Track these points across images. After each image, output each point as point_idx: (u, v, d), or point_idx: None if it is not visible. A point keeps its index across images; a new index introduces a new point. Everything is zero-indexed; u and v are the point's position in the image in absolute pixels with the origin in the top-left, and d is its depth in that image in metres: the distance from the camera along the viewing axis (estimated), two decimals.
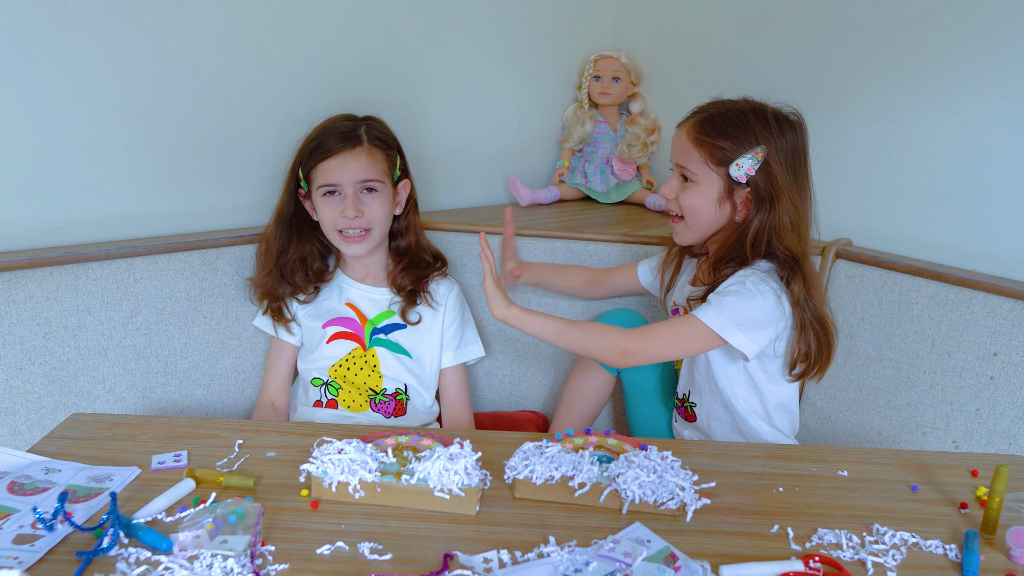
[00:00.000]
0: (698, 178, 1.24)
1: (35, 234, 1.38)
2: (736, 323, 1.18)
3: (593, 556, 0.78)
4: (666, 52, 1.95)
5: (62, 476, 0.92)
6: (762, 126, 1.20)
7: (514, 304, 1.23)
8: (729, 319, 1.17)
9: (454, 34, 1.81)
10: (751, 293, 1.18)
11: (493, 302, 1.21)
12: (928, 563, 0.83)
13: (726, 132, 1.21)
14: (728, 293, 1.20)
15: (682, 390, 1.40)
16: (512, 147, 2.01)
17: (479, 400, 1.75)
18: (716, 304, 1.19)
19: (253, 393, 1.56)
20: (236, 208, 1.60)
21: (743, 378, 1.29)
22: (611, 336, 1.22)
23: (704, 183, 1.24)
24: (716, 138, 1.21)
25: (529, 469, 0.90)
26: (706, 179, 1.24)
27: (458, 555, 0.80)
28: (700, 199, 1.25)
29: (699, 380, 1.34)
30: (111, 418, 1.10)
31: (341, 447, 0.90)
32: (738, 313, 1.18)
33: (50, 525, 0.81)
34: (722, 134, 1.21)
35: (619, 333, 1.22)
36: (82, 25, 1.34)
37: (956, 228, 1.45)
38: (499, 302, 1.21)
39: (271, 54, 1.56)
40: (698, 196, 1.25)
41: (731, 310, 1.18)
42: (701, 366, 1.32)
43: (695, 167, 1.24)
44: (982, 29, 1.37)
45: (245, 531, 0.79)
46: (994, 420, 1.31)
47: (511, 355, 1.72)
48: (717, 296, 1.20)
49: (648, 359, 1.26)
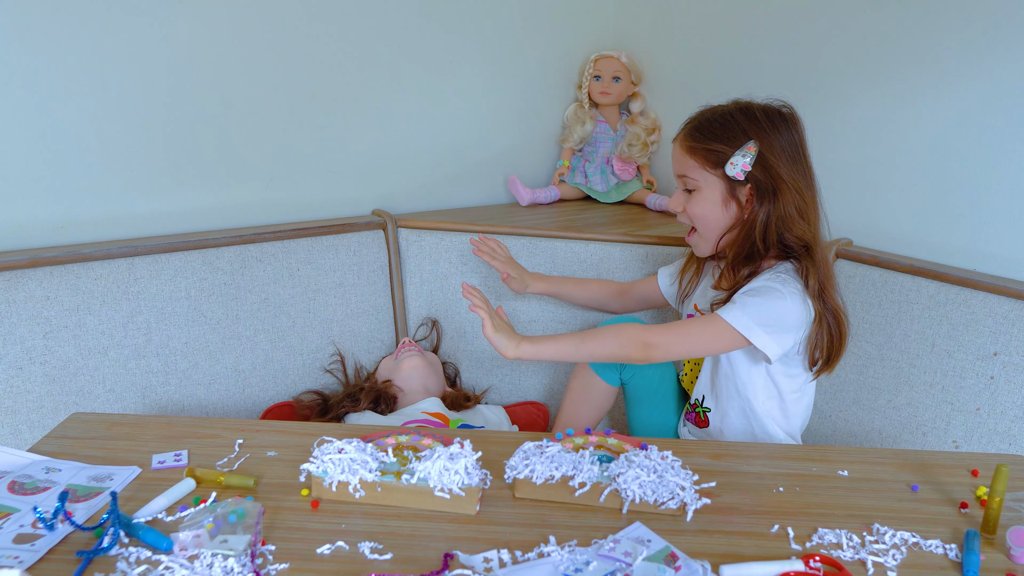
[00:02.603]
0: (699, 184, 1.25)
1: (35, 234, 1.38)
2: (761, 323, 1.17)
3: (593, 556, 0.78)
4: (666, 52, 1.95)
5: (62, 475, 0.93)
6: (750, 122, 1.21)
7: (523, 339, 1.21)
8: (754, 319, 1.17)
9: (454, 34, 1.81)
10: (780, 294, 1.17)
11: (501, 346, 1.19)
12: (928, 563, 0.83)
13: (716, 135, 1.23)
14: (755, 293, 1.19)
15: (697, 394, 1.38)
16: (512, 147, 2.01)
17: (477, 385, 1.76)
18: (741, 304, 1.18)
19: (253, 393, 1.56)
20: (236, 208, 1.60)
21: (764, 382, 1.28)
22: (630, 332, 1.21)
23: (706, 188, 1.24)
24: (707, 142, 1.23)
25: (529, 469, 0.90)
26: (707, 184, 1.24)
27: (458, 555, 0.80)
28: (705, 204, 1.25)
29: (720, 384, 1.32)
30: (111, 417, 1.10)
31: (341, 446, 0.90)
32: (763, 314, 1.17)
33: (50, 524, 0.81)
34: (712, 137, 1.23)
35: (638, 328, 1.22)
36: (82, 25, 1.35)
37: (956, 228, 1.45)
38: (506, 344, 1.19)
39: (271, 54, 1.56)
40: (702, 202, 1.25)
41: (756, 310, 1.17)
42: (723, 369, 1.31)
43: (694, 174, 1.25)
44: (982, 29, 1.37)
45: (245, 530, 0.79)
46: (994, 420, 1.31)
47: None
48: (743, 296, 1.19)
49: (669, 354, 1.23)
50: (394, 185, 1.81)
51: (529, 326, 1.71)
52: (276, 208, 1.65)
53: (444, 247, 1.71)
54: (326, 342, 1.65)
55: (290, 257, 1.59)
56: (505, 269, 1.48)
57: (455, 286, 1.72)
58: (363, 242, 1.68)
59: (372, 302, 1.70)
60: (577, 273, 1.67)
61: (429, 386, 1.57)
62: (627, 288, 1.54)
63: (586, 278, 1.61)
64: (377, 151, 1.77)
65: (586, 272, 1.67)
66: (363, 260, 1.68)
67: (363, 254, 1.68)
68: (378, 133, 1.76)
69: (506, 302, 1.69)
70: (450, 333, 1.74)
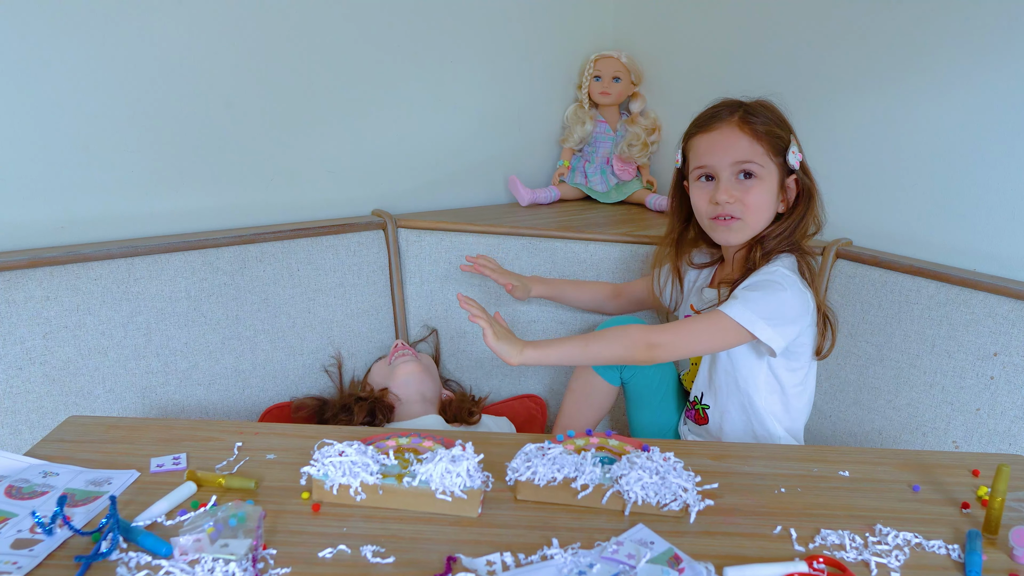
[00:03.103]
0: (762, 172, 1.21)
1: (35, 234, 1.38)
2: (764, 317, 1.15)
3: (597, 558, 0.78)
4: (666, 52, 1.95)
5: (60, 479, 0.92)
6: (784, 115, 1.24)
7: (526, 345, 1.17)
8: (756, 313, 1.15)
9: (454, 34, 1.81)
10: (779, 287, 1.17)
11: (504, 354, 1.15)
12: (931, 564, 0.83)
13: (774, 121, 1.22)
14: (755, 287, 1.18)
15: (695, 392, 1.38)
16: (512, 147, 2.01)
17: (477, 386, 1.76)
18: (743, 298, 1.17)
19: (253, 393, 1.56)
20: (236, 208, 1.60)
21: (766, 377, 1.27)
22: (635, 334, 1.18)
23: (767, 176, 1.22)
24: (771, 126, 1.21)
25: (531, 471, 0.90)
26: (768, 172, 1.22)
27: (461, 558, 0.80)
28: (765, 193, 1.22)
29: (718, 380, 1.31)
30: (109, 420, 1.10)
31: (342, 449, 0.90)
32: (766, 307, 1.16)
33: (49, 529, 0.81)
34: (774, 123, 1.21)
35: (642, 329, 1.20)
36: (82, 25, 1.34)
37: (956, 228, 1.45)
38: (509, 351, 1.16)
39: (271, 54, 1.56)
40: (765, 191, 1.22)
41: (758, 304, 1.16)
42: (722, 365, 1.30)
43: (760, 160, 1.21)
44: (982, 30, 1.37)
45: (246, 535, 0.78)
46: (994, 420, 1.31)
47: None
48: (743, 291, 1.18)
49: (675, 353, 1.21)
50: (394, 185, 1.81)
51: (530, 326, 1.71)
52: (276, 208, 1.65)
53: (444, 247, 1.71)
54: (326, 342, 1.65)
55: (290, 257, 1.59)
56: (506, 280, 1.47)
57: (455, 286, 1.72)
58: (363, 242, 1.68)
59: (372, 302, 1.70)
60: (577, 274, 1.67)
61: (425, 392, 1.55)
62: (621, 289, 1.54)
63: (582, 280, 1.61)
64: (377, 151, 1.76)
65: (585, 272, 1.67)
66: (363, 260, 1.68)
67: (363, 254, 1.68)
68: (378, 133, 1.75)
69: (505, 305, 1.69)
70: (450, 334, 1.74)
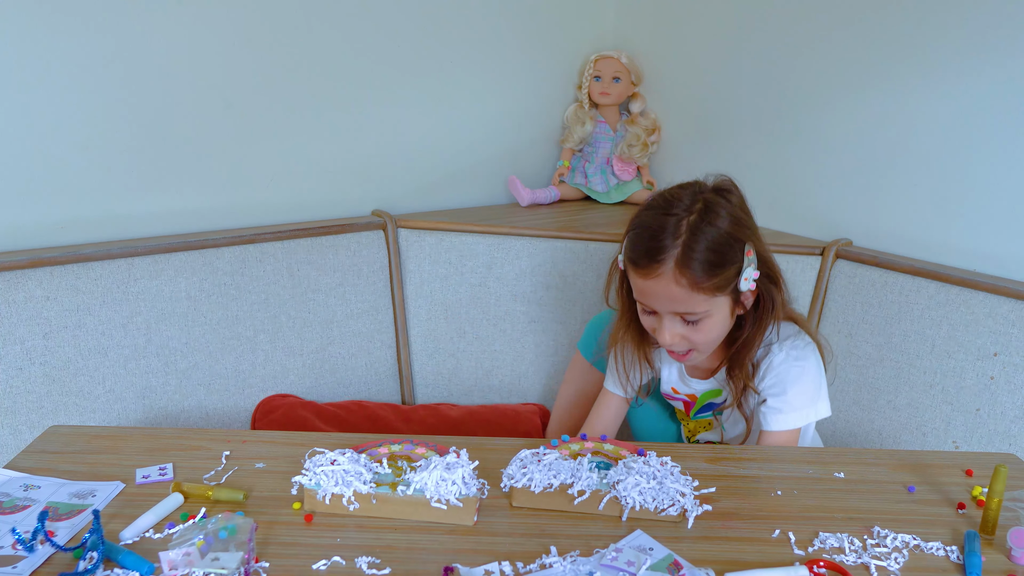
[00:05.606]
0: (708, 313, 1.09)
1: (35, 234, 1.38)
2: (811, 404, 1.15)
3: (596, 566, 0.77)
4: (666, 52, 1.94)
5: (42, 493, 0.88)
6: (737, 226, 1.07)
7: None
8: (802, 408, 1.14)
9: (454, 34, 1.81)
10: (800, 367, 1.14)
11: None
12: (931, 566, 0.83)
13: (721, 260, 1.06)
14: (784, 386, 1.14)
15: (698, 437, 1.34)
16: (512, 147, 2.00)
17: (479, 394, 1.75)
18: (781, 405, 1.14)
19: (253, 393, 1.56)
20: (236, 208, 1.59)
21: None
22: None
23: (716, 312, 1.09)
24: (715, 273, 1.05)
25: (528, 477, 0.89)
26: (716, 308, 1.09)
27: (459, 568, 0.78)
28: (715, 327, 1.10)
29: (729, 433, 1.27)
30: (92, 430, 1.08)
31: (334, 457, 0.88)
32: (805, 396, 1.14)
33: (30, 546, 0.78)
34: (719, 265, 1.05)
35: None
36: (82, 25, 1.34)
37: (956, 228, 1.45)
38: None
39: (271, 54, 1.56)
40: (713, 326, 1.10)
41: (798, 399, 1.14)
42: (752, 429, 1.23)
43: (702, 307, 1.07)
44: (982, 29, 1.37)
45: (238, 547, 0.75)
46: (994, 420, 1.31)
47: (511, 348, 1.72)
48: (777, 399, 1.15)
49: None
50: (394, 185, 1.81)
51: (530, 327, 1.71)
52: (276, 208, 1.65)
53: (444, 247, 1.71)
54: (326, 343, 1.65)
55: (290, 257, 1.59)
56: None
57: (455, 286, 1.72)
58: (363, 242, 1.68)
59: (372, 302, 1.70)
60: (577, 273, 1.67)
61: None
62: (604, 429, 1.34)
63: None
64: (377, 151, 1.76)
65: (586, 272, 1.67)
66: (363, 260, 1.68)
67: (363, 254, 1.68)
68: (378, 133, 1.75)
69: (502, 305, 1.69)
70: (450, 334, 1.74)
